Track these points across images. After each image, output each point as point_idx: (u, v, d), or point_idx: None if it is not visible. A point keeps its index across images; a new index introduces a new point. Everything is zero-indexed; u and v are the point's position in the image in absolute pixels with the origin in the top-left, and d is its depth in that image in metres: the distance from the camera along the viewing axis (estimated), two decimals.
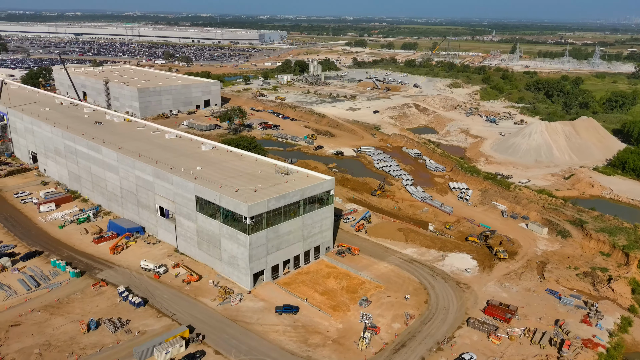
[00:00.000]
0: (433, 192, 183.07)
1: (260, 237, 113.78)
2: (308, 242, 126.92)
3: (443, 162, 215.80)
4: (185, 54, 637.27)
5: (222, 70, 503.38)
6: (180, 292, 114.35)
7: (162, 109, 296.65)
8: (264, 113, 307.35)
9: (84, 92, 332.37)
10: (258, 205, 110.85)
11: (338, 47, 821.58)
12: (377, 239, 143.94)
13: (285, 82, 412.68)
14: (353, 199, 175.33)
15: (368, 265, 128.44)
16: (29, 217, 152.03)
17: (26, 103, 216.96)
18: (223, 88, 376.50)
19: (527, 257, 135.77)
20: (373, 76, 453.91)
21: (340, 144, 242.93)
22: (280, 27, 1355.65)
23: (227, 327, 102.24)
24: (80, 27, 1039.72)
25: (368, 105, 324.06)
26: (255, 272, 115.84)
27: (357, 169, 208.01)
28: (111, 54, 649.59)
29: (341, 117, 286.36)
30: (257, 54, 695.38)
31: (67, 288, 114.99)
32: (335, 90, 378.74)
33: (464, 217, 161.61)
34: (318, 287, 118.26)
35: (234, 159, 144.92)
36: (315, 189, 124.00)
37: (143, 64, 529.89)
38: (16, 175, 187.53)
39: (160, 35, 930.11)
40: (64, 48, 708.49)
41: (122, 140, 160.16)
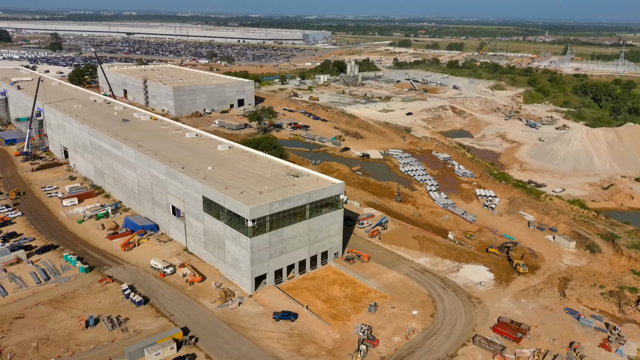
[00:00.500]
0: (457, 199, 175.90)
1: (262, 240, 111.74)
2: (315, 247, 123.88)
3: (472, 167, 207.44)
4: (229, 54, 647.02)
5: (262, 70, 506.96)
6: (182, 292, 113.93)
7: (197, 108, 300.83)
8: (296, 113, 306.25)
9: (124, 89, 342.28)
10: (260, 207, 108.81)
11: (381, 48, 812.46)
12: (391, 246, 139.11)
13: (322, 82, 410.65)
14: (372, 203, 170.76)
15: (376, 274, 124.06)
16: (52, 211, 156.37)
17: (62, 100, 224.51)
18: (259, 88, 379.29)
19: (549, 273, 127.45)
20: (412, 77, 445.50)
21: (367, 146, 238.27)
22: (326, 28, 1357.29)
23: (222, 331, 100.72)
24: (132, 27, 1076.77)
25: (402, 107, 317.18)
26: (257, 276, 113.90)
27: (382, 173, 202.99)
28: (158, 53, 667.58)
29: (372, 119, 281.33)
30: (298, 54, 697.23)
31: (74, 283, 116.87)
32: (370, 91, 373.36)
33: (486, 226, 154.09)
34: (321, 294, 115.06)
35: (248, 159, 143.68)
36: (322, 193, 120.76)
37: (186, 63, 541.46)
38: (47, 170, 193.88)
39: (207, 35, 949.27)
40: (114, 47, 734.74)
41: (143, 138, 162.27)
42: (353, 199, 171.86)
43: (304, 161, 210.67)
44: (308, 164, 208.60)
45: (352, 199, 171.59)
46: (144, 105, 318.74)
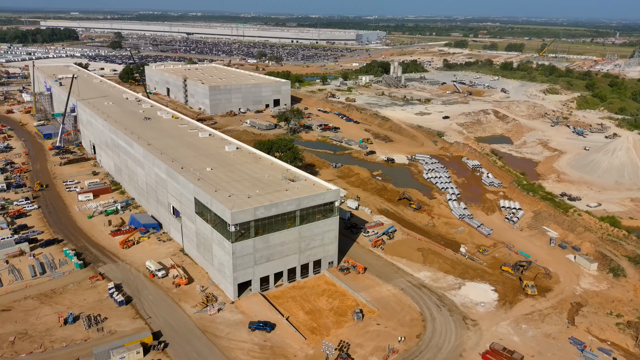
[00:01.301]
0: (478, 210, 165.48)
1: (246, 246, 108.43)
2: (306, 255, 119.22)
3: (502, 176, 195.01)
4: (279, 54, 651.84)
5: (307, 70, 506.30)
6: (166, 294, 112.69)
7: (232, 107, 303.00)
8: (330, 114, 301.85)
9: (167, 88, 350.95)
10: (243, 212, 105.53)
11: (435, 48, 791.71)
12: (392, 257, 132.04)
13: (363, 83, 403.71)
14: (385, 210, 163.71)
15: (370, 286, 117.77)
16: (67, 205, 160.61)
17: (96, 97, 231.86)
18: (299, 88, 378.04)
19: (562, 296, 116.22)
20: (459, 79, 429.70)
21: (395, 150, 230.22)
22: (384, 28, 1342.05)
23: (194, 338, 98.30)
24: (192, 27, 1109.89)
25: (441, 110, 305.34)
26: (240, 282, 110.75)
27: (403, 178, 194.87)
28: (212, 52, 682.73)
29: (406, 122, 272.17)
30: (348, 55, 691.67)
31: (66, 278, 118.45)
32: (411, 92, 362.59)
33: (502, 241, 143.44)
34: (306, 305, 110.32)
35: (251, 161, 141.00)
36: (314, 199, 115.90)
37: (235, 62, 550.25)
38: (74, 164, 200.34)
39: (262, 36, 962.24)
40: (172, 46, 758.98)
41: (157, 137, 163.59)
42: (366, 205, 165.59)
43: (324, 164, 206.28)
44: (329, 166, 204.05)
45: (364, 205, 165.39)
46: (183, 103, 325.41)
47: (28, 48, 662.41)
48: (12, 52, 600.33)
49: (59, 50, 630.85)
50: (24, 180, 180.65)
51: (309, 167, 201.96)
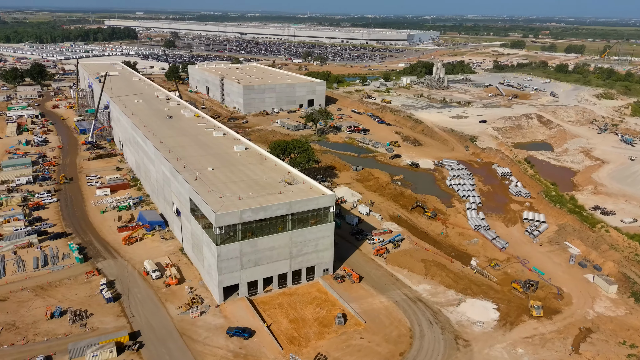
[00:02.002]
0: (497, 221, 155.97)
1: (232, 249, 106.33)
2: (298, 261, 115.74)
3: (532, 186, 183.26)
4: (326, 54, 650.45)
5: (350, 70, 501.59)
6: (155, 294, 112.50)
7: (266, 107, 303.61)
8: (364, 116, 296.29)
9: (207, 87, 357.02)
10: (229, 215, 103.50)
11: (489, 49, 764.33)
12: (394, 267, 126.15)
13: (404, 84, 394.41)
14: (398, 217, 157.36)
15: (362, 297, 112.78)
16: (84, 200, 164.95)
17: (129, 94, 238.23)
18: (337, 88, 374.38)
19: (571, 320, 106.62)
20: (507, 81, 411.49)
21: (422, 154, 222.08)
22: (440, 28, 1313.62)
23: (170, 341, 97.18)
24: (246, 27, 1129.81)
25: (480, 113, 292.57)
26: (226, 286, 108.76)
27: (424, 184, 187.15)
28: (260, 52, 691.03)
29: (439, 125, 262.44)
30: (396, 55, 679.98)
31: (65, 272, 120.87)
32: (451, 95, 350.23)
33: (517, 256, 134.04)
34: (292, 313, 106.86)
35: (255, 162, 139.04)
36: (307, 204, 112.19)
37: (280, 62, 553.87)
38: (102, 159, 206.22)
39: (312, 36, 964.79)
40: (224, 46, 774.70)
41: (171, 135, 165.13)
42: (379, 211, 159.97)
43: (345, 166, 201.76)
44: (349, 169, 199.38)
45: (377, 210, 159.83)
46: (220, 102, 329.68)
47: (88, 46, 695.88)
48: (72, 50, 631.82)
49: (116, 48, 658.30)
50: (51, 173, 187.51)
51: (328, 169, 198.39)
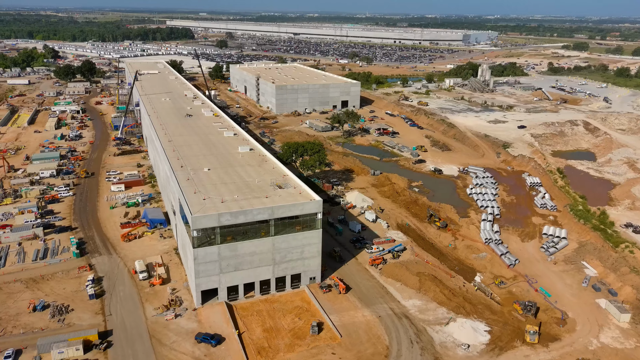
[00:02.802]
0: (513, 235, 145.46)
1: (210, 252, 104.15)
2: (282, 268, 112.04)
3: (560, 198, 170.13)
4: (374, 54, 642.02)
5: (396, 71, 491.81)
6: (138, 293, 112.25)
7: (298, 107, 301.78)
8: (397, 118, 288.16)
9: (245, 86, 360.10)
10: (206, 218, 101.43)
11: (549, 50, 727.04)
12: (387, 279, 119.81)
13: (447, 86, 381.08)
14: (407, 226, 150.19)
15: (345, 309, 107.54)
16: (99, 195, 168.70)
17: (159, 93, 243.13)
18: (375, 90, 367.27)
19: (569, 349, 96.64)
20: (560, 85, 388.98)
21: (448, 160, 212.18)
22: (502, 28, 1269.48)
23: (138, 343, 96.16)
24: (299, 27, 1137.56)
25: (522, 118, 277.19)
26: (204, 289, 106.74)
27: (443, 192, 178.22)
28: (309, 52, 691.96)
29: (474, 130, 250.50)
30: (448, 56, 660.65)
31: (59, 266, 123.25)
32: (494, 98, 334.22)
33: (525, 274, 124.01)
34: (268, 321, 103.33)
35: (254, 164, 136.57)
36: (291, 209, 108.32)
37: (325, 62, 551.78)
38: (127, 156, 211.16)
39: (365, 36, 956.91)
40: (275, 46, 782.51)
41: (183, 134, 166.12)
42: (387, 218, 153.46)
43: (363, 170, 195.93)
44: (367, 173, 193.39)
45: (385, 218, 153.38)
46: (255, 101, 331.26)
47: (145, 45, 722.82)
48: (129, 48, 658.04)
49: (171, 47, 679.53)
50: (75, 167, 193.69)
51: (346, 173, 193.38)
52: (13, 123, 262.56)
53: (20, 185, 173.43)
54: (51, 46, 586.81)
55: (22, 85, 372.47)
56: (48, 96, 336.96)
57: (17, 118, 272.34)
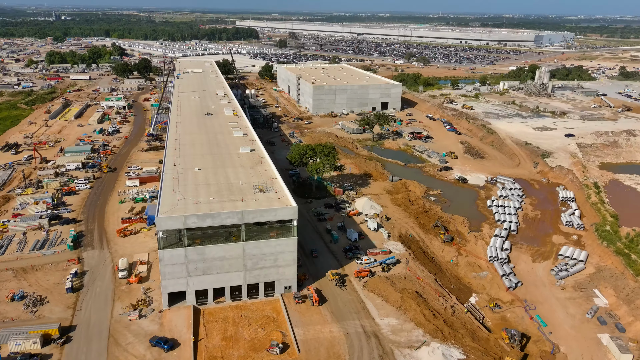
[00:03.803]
0: (525, 254, 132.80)
1: (176, 255, 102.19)
2: (254, 275, 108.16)
3: (591, 216, 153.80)
4: (435, 55, 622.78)
5: (452, 72, 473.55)
6: (113, 290, 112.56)
7: (336, 108, 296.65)
8: (436, 122, 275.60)
9: (288, 86, 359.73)
10: (171, 219, 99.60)
11: (627, 54, 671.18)
12: (368, 294, 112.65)
13: (501, 89, 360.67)
14: (410, 237, 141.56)
15: (314, 323, 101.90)
16: (113, 189, 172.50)
17: (193, 91, 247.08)
18: (422, 91, 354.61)
19: None
20: (628, 91, 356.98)
21: (478, 169, 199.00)
22: (583, 29, 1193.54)
23: (96, 341, 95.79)
24: (364, 27, 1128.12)
25: (574, 126, 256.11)
26: (171, 292, 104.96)
27: (462, 202, 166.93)
28: (367, 53, 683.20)
29: (514, 137, 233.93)
30: (515, 57, 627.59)
31: (52, 257, 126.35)
32: (548, 103, 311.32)
33: (524, 299, 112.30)
34: (230, 330, 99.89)
35: (247, 165, 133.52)
36: (263, 215, 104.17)
37: (378, 63, 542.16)
38: (153, 152, 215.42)
39: (430, 36, 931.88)
40: (335, 46, 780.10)
41: (193, 132, 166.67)
42: (391, 227, 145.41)
43: (382, 175, 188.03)
44: (386, 179, 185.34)
45: (389, 227, 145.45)
46: (296, 101, 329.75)
47: (210, 44, 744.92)
48: (193, 47, 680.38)
49: (232, 47, 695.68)
50: (102, 161, 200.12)
51: (363, 177, 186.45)
52: (62, 117, 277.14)
53: (45, 176, 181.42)
54: (119, 44, 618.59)
55: (82, 81, 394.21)
56: (103, 92, 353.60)
57: (67, 112, 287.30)
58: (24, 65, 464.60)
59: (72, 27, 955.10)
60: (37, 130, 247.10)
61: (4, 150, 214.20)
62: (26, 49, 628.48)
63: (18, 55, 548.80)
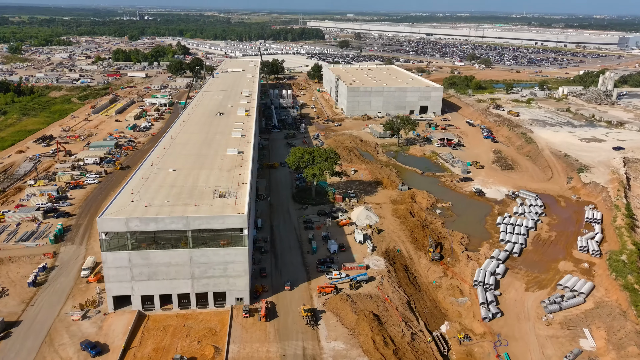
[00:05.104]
0: (519, 281, 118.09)
1: (119, 258, 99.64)
2: (202, 284, 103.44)
3: (613, 241, 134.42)
4: (501, 56, 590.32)
5: (514, 75, 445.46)
6: (72, 288, 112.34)
7: (371, 110, 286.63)
8: (475, 128, 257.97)
9: (330, 87, 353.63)
10: (113, 222, 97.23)
11: None
12: (325, 314, 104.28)
13: (559, 95, 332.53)
14: (397, 252, 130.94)
15: (253, 341, 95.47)
16: (119, 185, 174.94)
17: (220, 90, 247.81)
18: (471, 95, 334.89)
19: None
20: None
21: (503, 181, 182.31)
22: None
23: (32, 339, 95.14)
24: (433, 28, 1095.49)
25: (628, 138, 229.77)
26: (116, 295, 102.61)
27: (469, 218, 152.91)
28: (430, 54, 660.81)
29: (555, 148, 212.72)
30: (591, 60, 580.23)
31: (32, 250, 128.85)
32: (607, 112, 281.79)
33: (498, 333, 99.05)
34: (166, 340, 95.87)
35: (225, 168, 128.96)
36: (209, 222, 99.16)
37: (438, 64, 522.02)
38: None
39: (503, 37, 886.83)
40: (399, 47, 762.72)
41: (194, 132, 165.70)
42: (379, 241, 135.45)
43: (393, 184, 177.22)
44: (395, 188, 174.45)
45: (378, 240, 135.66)
46: (335, 102, 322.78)
47: (273, 45, 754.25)
48: (256, 47, 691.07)
49: (293, 47, 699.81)
50: (121, 157, 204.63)
51: (372, 185, 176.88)
52: (105, 112, 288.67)
53: (62, 169, 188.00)
54: (183, 43, 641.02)
55: (139, 78, 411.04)
56: (153, 89, 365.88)
57: (111, 108, 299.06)
58: (91, 62, 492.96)
59: (149, 26, 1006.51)
60: (76, 125, 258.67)
61: (39, 142, 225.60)
62: (101, 47, 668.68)
63: (91, 53, 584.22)
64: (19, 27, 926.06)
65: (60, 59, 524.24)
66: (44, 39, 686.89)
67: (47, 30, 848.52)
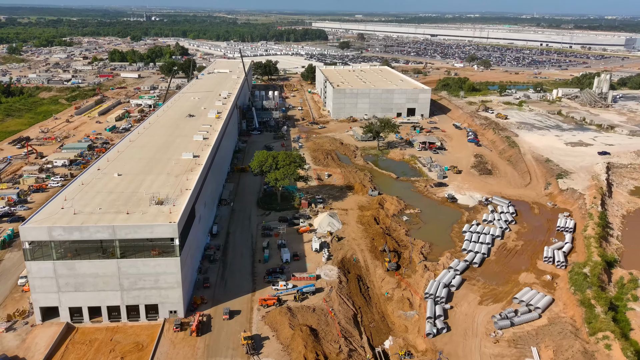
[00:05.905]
0: (474, 294, 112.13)
1: (44, 268, 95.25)
2: (132, 296, 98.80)
3: (581, 252, 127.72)
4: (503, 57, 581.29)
5: (512, 77, 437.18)
6: (8, 296, 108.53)
7: (357, 113, 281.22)
8: (461, 132, 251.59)
9: (320, 88, 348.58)
10: (35, 230, 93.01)
11: None
12: (263, 327, 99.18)
13: (554, 97, 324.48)
14: (354, 262, 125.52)
15: (179, 357, 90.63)
16: None
17: (200, 91, 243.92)
18: (464, 97, 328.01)
19: None
20: None
21: (478, 187, 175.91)
22: None
23: None
24: (438, 29, 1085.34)
25: (616, 142, 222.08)
26: (43, 306, 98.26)
27: (437, 226, 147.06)
28: (430, 55, 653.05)
29: (538, 152, 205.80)
30: (594, 62, 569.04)
31: None
32: (599, 115, 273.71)
33: (440, 350, 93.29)
34: (88, 356, 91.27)
35: (173, 173, 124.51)
36: (137, 231, 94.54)
37: (435, 65, 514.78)
38: None
39: (508, 38, 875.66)
40: (401, 48, 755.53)
41: (155, 135, 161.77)
42: (338, 249, 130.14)
43: (364, 189, 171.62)
44: (365, 193, 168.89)
45: (336, 248, 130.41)
46: (323, 104, 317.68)
47: (274, 46, 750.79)
48: (256, 48, 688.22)
49: (293, 48, 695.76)
50: (92, 159, 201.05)
51: (343, 190, 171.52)
52: (88, 113, 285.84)
53: (29, 172, 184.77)
54: (185, 44, 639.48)
55: (131, 79, 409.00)
56: (143, 90, 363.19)
57: (95, 109, 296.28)
58: (87, 63, 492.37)
59: (153, 27, 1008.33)
60: (56, 126, 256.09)
61: (15, 144, 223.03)
62: (102, 47, 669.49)
63: (90, 53, 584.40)
64: (25, 27, 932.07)
65: (57, 60, 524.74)
66: (46, 40, 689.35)
67: (51, 31, 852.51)
